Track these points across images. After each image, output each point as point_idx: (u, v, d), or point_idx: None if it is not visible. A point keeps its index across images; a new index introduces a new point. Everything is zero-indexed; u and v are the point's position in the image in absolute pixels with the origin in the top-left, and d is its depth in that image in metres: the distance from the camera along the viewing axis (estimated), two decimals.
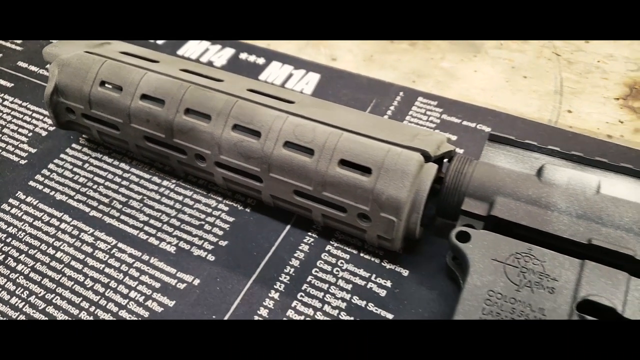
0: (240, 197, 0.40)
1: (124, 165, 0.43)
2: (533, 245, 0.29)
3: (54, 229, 0.39)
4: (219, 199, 0.40)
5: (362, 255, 0.36)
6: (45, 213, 0.40)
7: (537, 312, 0.27)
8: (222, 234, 0.38)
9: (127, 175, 0.42)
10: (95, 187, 0.41)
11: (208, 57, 0.52)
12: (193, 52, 0.53)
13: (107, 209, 0.40)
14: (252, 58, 0.52)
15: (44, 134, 0.46)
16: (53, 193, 0.41)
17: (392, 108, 0.45)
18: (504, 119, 0.43)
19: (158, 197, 0.40)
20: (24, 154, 0.44)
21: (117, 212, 0.39)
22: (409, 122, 0.44)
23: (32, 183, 0.42)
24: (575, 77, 0.47)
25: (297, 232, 0.37)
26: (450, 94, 0.46)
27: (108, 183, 0.41)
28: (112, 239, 0.38)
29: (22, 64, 0.53)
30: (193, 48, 0.53)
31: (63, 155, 0.44)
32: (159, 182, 0.41)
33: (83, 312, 0.34)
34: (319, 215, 0.34)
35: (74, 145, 0.45)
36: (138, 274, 0.36)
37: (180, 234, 0.38)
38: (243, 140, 0.34)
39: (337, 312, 0.33)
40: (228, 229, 0.38)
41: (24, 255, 0.37)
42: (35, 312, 0.34)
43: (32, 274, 0.36)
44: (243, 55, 0.52)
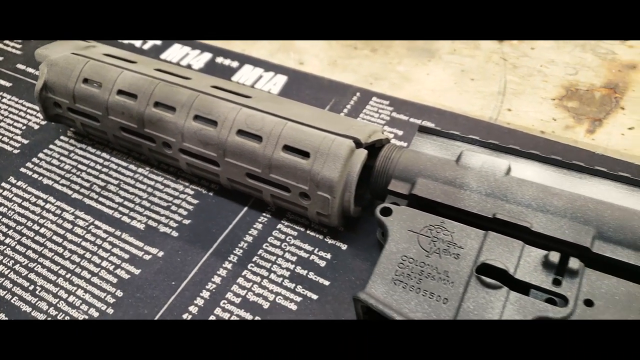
0: (205, 182, 0.44)
1: (105, 155, 0.48)
2: (446, 219, 0.33)
3: (40, 209, 0.44)
4: (186, 184, 0.44)
5: (308, 233, 0.40)
6: (33, 195, 0.45)
7: (442, 274, 0.31)
8: (186, 214, 0.42)
9: (107, 164, 0.47)
10: (79, 173, 0.46)
11: (188, 60, 0.58)
12: (175, 56, 0.58)
13: (87, 192, 0.45)
14: (227, 62, 0.57)
15: (36, 127, 0.51)
16: (41, 178, 0.46)
17: (348, 107, 0.50)
18: (448, 117, 0.48)
19: (133, 182, 0.45)
20: (18, 145, 0.49)
21: (96, 194, 0.44)
22: (363, 119, 0.49)
23: (22, 169, 0.47)
24: (518, 79, 0.52)
25: (252, 213, 0.42)
26: (402, 95, 0.51)
27: (90, 170, 0.46)
28: (90, 217, 0.43)
29: (20, 66, 0.58)
30: (175, 52, 0.59)
31: (52, 146, 0.49)
32: (135, 169, 0.46)
33: (60, 278, 0.39)
34: (268, 196, 0.39)
35: (62, 137, 0.50)
36: (110, 247, 0.41)
37: (150, 214, 0.43)
38: (202, 129, 0.39)
39: (281, 279, 0.38)
40: (192, 210, 0.43)
41: (12, 231, 0.42)
42: (19, 277, 0.39)
43: (17, 246, 0.41)
44: (219, 59, 0.57)
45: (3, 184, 0.46)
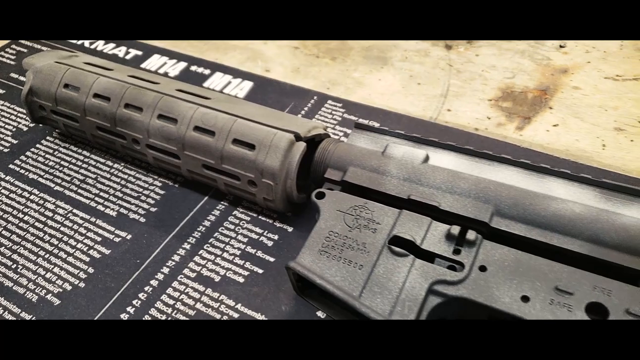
0: (171, 175, 0.50)
1: (85, 153, 0.53)
2: (369, 201, 0.39)
3: (24, 199, 0.49)
4: (155, 177, 0.50)
5: (259, 218, 0.45)
6: (19, 188, 0.50)
7: (360, 245, 0.36)
8: (153, 203, 0.48)
9: (86, 160, 0.52)
10: (61, 169, 0.52)
11: (165, 68, 0.63)
12: (154, 64, 0.64)
13: (68, 185, 0.50)
14: (200, 69, 0.63)
15: (25, 129, 0.57)
16: (27, 173, 0.52)
17: (305, 109, 0.56)
18: (392, 117, 0.53)
19: (109, 175, 0.51)
20: (7, 144, 0.55)
21: (75, 187, 0.50)
22: (317, 119, 0.54)
23: (11, 166, 0.53)
24: (461, 83, 0.57)
25: (212, 201, 0.47)
26: (354, 98, 0.56)
27: (71, 166, 0.52)
28: (69, 206, 0.48)
29: (13, 75, 0.64)
30: (154, 61, 0.65)
31: (38, 145, 0.55)
32: (111, 164, 0.52)
33: (39, 258, 0.44)
34: (222, 184, 0.44)
35: (48, 138, 0.55)
36: (85, 231, 0.46)
37: (122, 203, 0.48)
38: (165, 126, 0.44)
39: (232, 257, 0.43)
40: (159, 199, 0.48)
41: None
42: (3, 258, 0.44)
43: (2, 231, 0.46)
44: (193, 68, 0.63)
45: None
